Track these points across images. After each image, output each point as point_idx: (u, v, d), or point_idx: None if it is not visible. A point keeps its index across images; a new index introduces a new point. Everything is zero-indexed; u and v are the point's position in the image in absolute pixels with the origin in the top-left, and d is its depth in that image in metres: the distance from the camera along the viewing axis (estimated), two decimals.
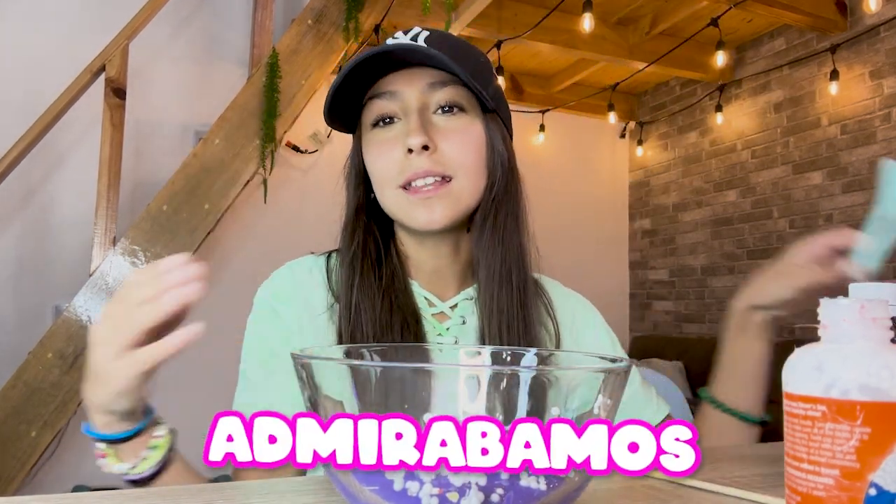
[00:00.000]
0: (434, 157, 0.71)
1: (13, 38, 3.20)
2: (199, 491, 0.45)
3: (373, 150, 0.75)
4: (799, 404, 0.35)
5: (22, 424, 2.47)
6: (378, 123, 0.75)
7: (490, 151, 0.75)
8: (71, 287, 2.92)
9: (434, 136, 0.72)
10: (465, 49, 0.77)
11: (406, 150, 0.71)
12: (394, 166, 0.73)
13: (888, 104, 3.55)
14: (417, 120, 0.71)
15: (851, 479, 0.32)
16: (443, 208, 0.72)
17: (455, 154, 0.72)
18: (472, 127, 0.75)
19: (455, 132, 0.73)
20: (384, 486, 0.36)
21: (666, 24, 3.97)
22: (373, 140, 0.76)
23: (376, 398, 0.39)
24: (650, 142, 5.18)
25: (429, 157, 0.71)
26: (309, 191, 3.90)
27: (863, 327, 0.34)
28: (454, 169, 0.72)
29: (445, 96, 0.73)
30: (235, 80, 3.44)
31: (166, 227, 2.80)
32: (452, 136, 0.73)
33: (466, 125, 0.74)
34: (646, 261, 5.16)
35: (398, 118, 0.74)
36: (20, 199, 3.17)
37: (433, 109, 0.74)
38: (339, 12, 3.19)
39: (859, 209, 3.67)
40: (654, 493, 0.48)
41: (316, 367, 0.39)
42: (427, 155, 0.71)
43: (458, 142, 0.73)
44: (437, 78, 0.74)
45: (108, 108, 2.73)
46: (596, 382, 0.39)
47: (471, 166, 0.73)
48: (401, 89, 0.74)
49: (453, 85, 0.73)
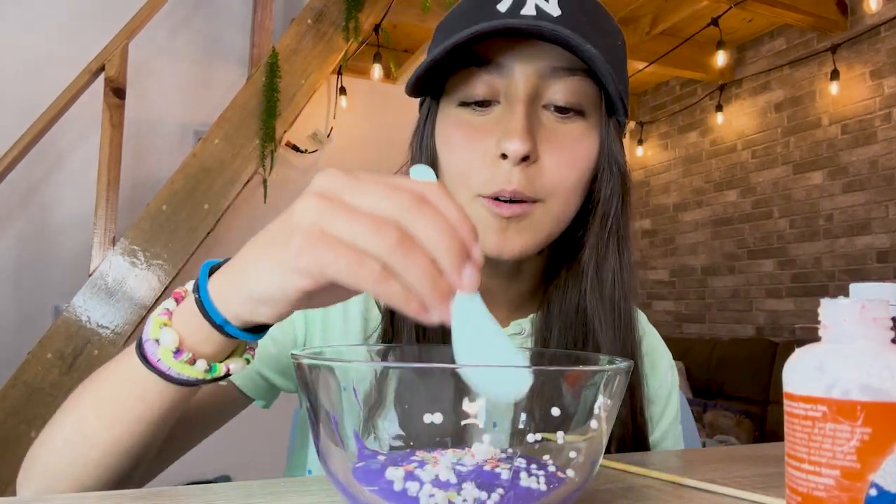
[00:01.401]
0: (529, 173, 0.56)
1: (13, 38, 3.20)
2: (199, 491, 0.45)
3: (455, 137, 0.60)
4: (799, 404, 0.35)
5: (22, 424, 2.47)
6: (469, 101, 0.59)
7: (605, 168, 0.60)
8: (70, 287, 2.92)
9: (539, 140, 0.57)
10: (604, 21, 0.60)
11: (499, 153, 0.56)
12: (480, 169, 0.58)
13: (888, 104, 3.54)
14: (524, 116, 0.56)
15: (852, 479, 0.32)
16: (519, 237, 0.58)
17: (555, 173, 0.57)
18: (587, 138, 0.59)
19: (564, 144, 0.58)
20: (384, 487, 0.36)
21: (666, 24, 3.97)
22: (459, 122, 0.60)
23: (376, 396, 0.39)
24: (650, 142, 5.18)
25: (524, 170, 0.56)
26: None
27: (863, 327, 0.34)
28: (547, 192, 0.58)
29: (565, 90, 0.57)
30: (235, 80, 3.44)
31: (166, 227, 2.80)
32: (560, 149, 0.58)
33: (580, 136, 0.59)
34: (646, 261, 5.16)
35: (497, 101, 0.59)
36: (20, 199, 3.17)
37: (544, 102, 0.58)
38: (339, 12, 3.19)
39: (859, 209, 3.67)
40: (655, 493, 0.47)
41: (324, 367, 0.39)
42: (523, 167, 0.56)
43: (564, 158, 0.58)
44: (561, 61, 0.57)
45: (107, 107, 2.73)
46: (598, 382, 0.39)
47: (568, 189, 0.59)
48: (513, 65, 0.57)
49: (580, 75, 0.57)
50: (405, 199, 0.34)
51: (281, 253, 0.36)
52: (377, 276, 0.33)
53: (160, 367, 0.44)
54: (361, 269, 0.33)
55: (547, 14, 0.55)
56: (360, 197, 0.35)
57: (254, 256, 0.39)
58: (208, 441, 0.69)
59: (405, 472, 0.36)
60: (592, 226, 0.62)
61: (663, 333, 0.78)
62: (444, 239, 0.33)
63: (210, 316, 0.42)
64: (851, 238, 3.70)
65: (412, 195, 0.34)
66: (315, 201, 0.35)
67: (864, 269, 3.62)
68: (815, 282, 3.87)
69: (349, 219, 0.34)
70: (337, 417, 0.38)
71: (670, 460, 0.61)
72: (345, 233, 0.34)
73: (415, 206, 0.34)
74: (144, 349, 0.44)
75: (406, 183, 0.35)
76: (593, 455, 0.39)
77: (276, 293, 0.37)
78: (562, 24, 0.54)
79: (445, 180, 0.60)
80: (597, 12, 0.60)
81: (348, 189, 0.35)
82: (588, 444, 0.38)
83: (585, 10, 0.58)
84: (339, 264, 0.33)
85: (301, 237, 0.34)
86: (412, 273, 0.33)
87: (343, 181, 0.36)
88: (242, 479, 0.64)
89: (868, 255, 3.62)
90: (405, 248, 0.33)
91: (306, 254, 0.34)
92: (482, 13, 0.57)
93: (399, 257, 0.33)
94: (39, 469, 0.51)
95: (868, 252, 3.62)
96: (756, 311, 4.20)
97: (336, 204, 0.35)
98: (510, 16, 0.56)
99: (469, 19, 0.57)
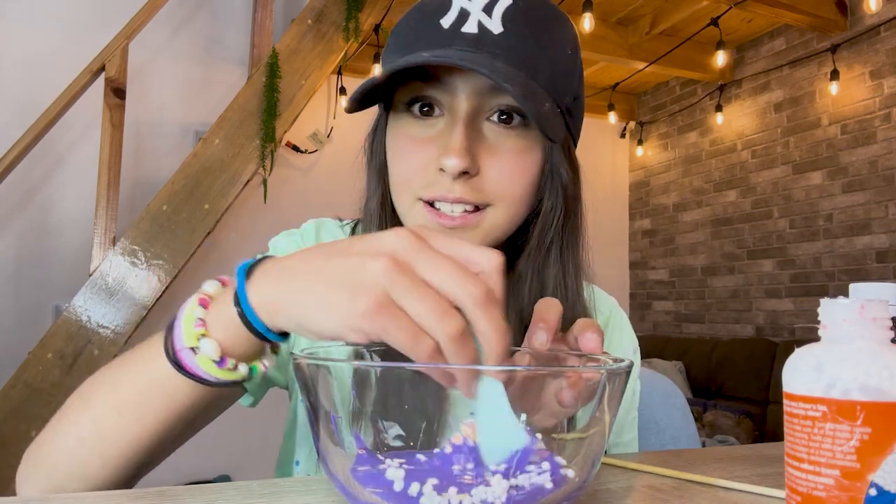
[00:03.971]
0: (472, 184, 0.58)
1: (13, 38, 3.20)
2: (199, 491, 0.45)
3: (399, 144, 0.62)
4: (799, 404, 0.35)
5: (22, 424, 2.47)
6: (414, 109, 0.61)
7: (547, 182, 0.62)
8: (71, 287, 2.92)
9: (480, 154, 0.58)
10: (552, 31, 0.60)
11: (439, 167, 0.57)
12: (419, 176, 0.59)
13: (888, 104, 3.55)
14: (463, 134, 0.57)
15: (852, 479, 0.32)
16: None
17: (499, 182, 0.58)
18: (531, 152, 0.60)
19: (507, 154, 0.59)
20: (385, 487, 0.36)
21: (666, 24, 3.97)
22: (403, 131, 0.62)
23: (378, 398, 0.39)
24: (650, 142, 5.18)
25: (465, 182, 0.57)
26: (309, 191, 3.90)
27: (863, 327, 0.34)
28: (493, 198, 0.59)
29: (508, 100, 0.58)
30: (235, 80, 3.45)
31: (166, 227, 2.80)
32: (502, 160, 0.59)
33: (525, 146, 0.59)
34: (646, 261, 5.16)
35: (441, 111, 0.60)
36: (20, 199, 3.18)
37: (488, 114, 0.59)
38: (339, 12, 3.19)
39: (859, 209, 3.67)
40: (655, 493, 0.48)
41: (320, 369, 0.39)
42: (464, 180, 0.57)
43: (507, 168, 0.59)
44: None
45: (107, 107, 2.73)
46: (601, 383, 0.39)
47: (515, 196, 0.60)
48: (455, 82, 0.58)
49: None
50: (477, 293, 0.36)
51: (347, 307, 0.37)
52: (428, 355, 0.36)
53: (199, 374, 0.45)
54: (417, 346, 0.36)
55: (488, 32, 0.57)
56: (432, 272, 0.37)
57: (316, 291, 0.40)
58: (208, 441, 0.69)
59: (405, 471, 0.36)
60: (531, 236, 0.63)
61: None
62: (496, 341, 0.37)
63: (253, 325, 0.43)
64: (851, 238, 3.70)
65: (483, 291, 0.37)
66: (388, 266, 0.37)
67: (863, 269, 3.62)
68: (815, 282, 3.87)
69: (419, 297, 0.36)
70: (336, 417, 0.38)
71: (670, 460, 0.61)
72: (412, 309, 0.36)
73: (483, 303, 0.36)
74: (180, 358, 0.45)
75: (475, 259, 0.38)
76: (594, 453, 0.39)
77: (329, 335, 0.39)
78: (500, 44, 0.56)
79: (392, 185, 0.63)
80: (543, 22, 0.60)
81: (422, 260, 0.37)
82: (589, 442, 0.39)
83: (529, 23, 0.58)
84: (399, 336, 0.36)
85: (371, 301, 0.36)
86: (459, 360, 0.36)
87: (417, 249, 0.38)
88: (242, 479, 0.64)
89: (868, 255, 3.62)
90: (461, 343, 0.36)
91: (371, 319, 0.36)
92: (428, 28, 0.59)
93: (453, 348, 0.36)
94: (47, 468, 0.51)
95: (868, 252, 3.62)
96: (756, 311, 4.20)
97: (408, 276, 0.37)
98: (451, 34, 0.57)
99: (416, 32, 0.60)
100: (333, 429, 0.39)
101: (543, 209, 0.63)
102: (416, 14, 0.62)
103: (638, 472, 0.53)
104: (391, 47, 0.64)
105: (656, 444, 0.99)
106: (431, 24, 0.59)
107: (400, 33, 0.63)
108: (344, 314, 0.37)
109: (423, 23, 0.60)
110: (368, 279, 0.37)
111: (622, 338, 0.78)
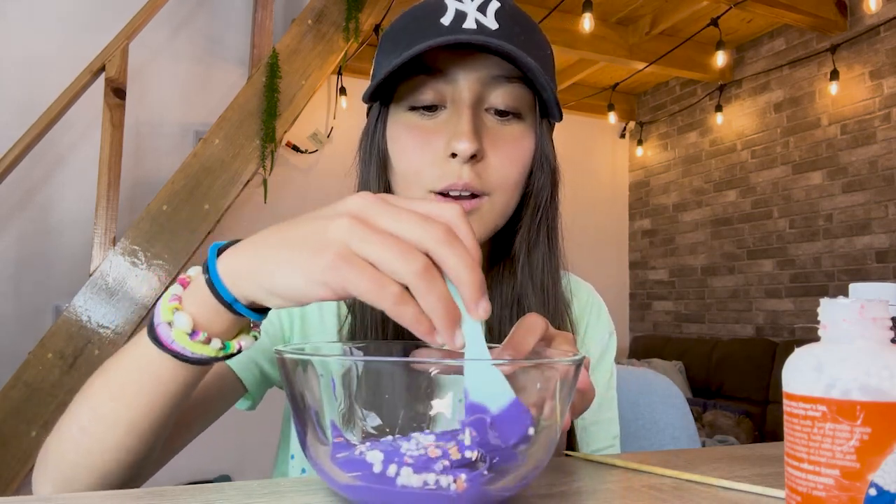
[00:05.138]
0: (477, 169, 0.62)
1: (13, 38, 3.20)
2: (199, 491, 0.45)
3: (406, 139, 0.64)
4: (799, 404, 0.35)
5: (22, 424, 2.47)
6: (418, 102, 0.63)
7: (538, 165, 0.66)
8: (71, 287, 2.92)
9: (484, 142, 0.62)
10: (536, 34, 0.65)
11: (449, 153, 0.61)
12: (432, 168, 0.62)
13: (888, 104, 3.55)
14: (471, 119, 0.61)
15: (851, 479, 0.32)
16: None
17: (500, 169, 0.63)
18: (525, 139, 0.65)
19: (507, 143, 0.63)
20: (364, 471, 0.37)
21: (666, 24, 3.97)
22: (409, 126, 0.64)
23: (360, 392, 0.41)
24: (650, 142, 5.18)
25: (472, 167, 0.61)
26: (309, 191, 3.90)
27: (863, 327, 0.34)
28: (493, 186, 0.63)
29: (505, 96, 0.63)
30: (235, 80, 3.45)
31: (166, 227, 2.80)
32: (503, 148, 0.63)
33: (520, 136, 0.65)
34: (646, 261, 5.16)
35: (444, 106, 0.63)
36: (20, 199, 3.18)
37: (486, 106, 0.64)
38: (339, 12, 3.19)
39: (859, 209, 3.67)
40: (655, 493, 0.48)
41: (302, 363, 0.40)
42: (471, 165, 0.61)
43: (507, 155, 0.63)
44: (502, 70, 0.62)
45: (107, 108, 2.73)
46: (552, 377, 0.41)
47: (511, 184, 0.64)
48: (458, 73, 0.62)
49: (517, 82, 0.63)
50: (438, 233, 0.37)
51: (309, 263, 0.38)
52: (395, 299, 0.36)
53: (175, 349, 0.45)
54: (381, 291, 0.36)
55: (486, 28, 0.61)
56: (392, 222, 0.38)
57: (280, 255, 0.40)
58: (208, 441, 0.70)
59: (383, 453, 0.37)
60: (525, 216, 0.67)
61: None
62: (467, 273, 0.37)
63: (220, 294, 0.44)
64: (851, 238, 3.70)
65: (445, 230, 0.38)
66: (349, 222, 0.38)
67: (863, 269, 3.62)
68: (815, 282, 3.87)
69: (379, 243, 0.37)
70: (317, 408, 0.40)
71: (670, 460, 0.61)
72: (374, 256, 0.37)
73: (446, 240, 0.37)
74: (158, 333, 0.46)
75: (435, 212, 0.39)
76: (551, 435, 0.41)
77: (296, 295, 0.40)
78: (501, 36, 0.60)
79: (398, 179, 0.65)
80: (528, 25, 0.65)
81: (382, 214, 0.38)
82: (545, 428, 0.41)
83: (519, 23, 0.63)
84: (362, 285, 0.36)
85: (331, 254, 0.37)
86: (429, 300, 0.36)
87: (377, 205, 0.39)
88: (242, 479, 0.64)
89: (867, 255, 3.62)
90: (429, 277, 0.36)
91: (333, 271, 0.37)
92: (429, 26, 0.61)
93: (421, 284, 0.36)
94: (56, 463, 0.52)
95: (867, 252, 3.62)
96: (755, 311, 4.21)
97: (368, 227, 0.38)
98: (454, 29, 0.60)
99: (416, 31, 0.62)
100: (314, 419, 0.40)
101: (534, 190, 0.67)
102: (411, 17, 0.64)
103: (638, 472, 0.53)
104: (386, 49, 0.66)
105: (656, 444, 0.99)
106: (432, 23, 0.61)
107: (395, 35, 0.65)
108: (307, 270, 0.38)
109: (422, 22, 0.62)
110: (330, 236, 0.38)
111: (599, 321, 0.81)
